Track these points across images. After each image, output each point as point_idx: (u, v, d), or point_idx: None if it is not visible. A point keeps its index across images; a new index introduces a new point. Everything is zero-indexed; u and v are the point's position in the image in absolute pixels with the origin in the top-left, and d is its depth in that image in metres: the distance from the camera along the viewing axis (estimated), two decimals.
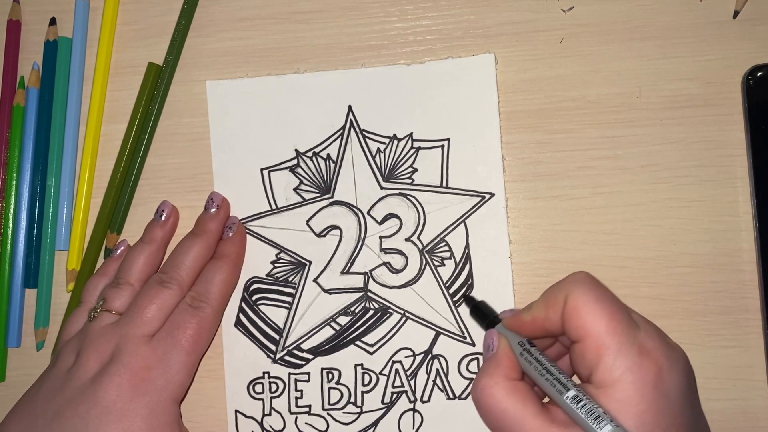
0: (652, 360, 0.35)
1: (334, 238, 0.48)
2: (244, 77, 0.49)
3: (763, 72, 0.45)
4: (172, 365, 0.42)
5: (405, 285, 0.47)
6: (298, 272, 0.48)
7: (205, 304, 0.44)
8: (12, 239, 0.49)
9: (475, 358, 0.46)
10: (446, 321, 0.46)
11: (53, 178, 0.49)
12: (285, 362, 0.47)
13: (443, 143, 0.47)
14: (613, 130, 0.46)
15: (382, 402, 0.46)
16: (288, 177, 0.48)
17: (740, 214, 0.45)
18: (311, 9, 0.49)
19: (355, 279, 0.47)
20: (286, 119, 0.48)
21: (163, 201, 0.48)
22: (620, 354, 0.35)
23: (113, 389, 0.41)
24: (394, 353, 0.47)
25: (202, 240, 0.46)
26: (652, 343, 0.36)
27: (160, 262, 0.47)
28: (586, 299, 0.36)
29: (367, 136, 0.48)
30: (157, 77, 0.49)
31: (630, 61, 0.47)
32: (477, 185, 0.47)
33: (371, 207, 0.48)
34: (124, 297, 0.44)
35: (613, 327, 0.35)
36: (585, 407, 0.35)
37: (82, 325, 0.45)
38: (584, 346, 0.36)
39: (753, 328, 0.44)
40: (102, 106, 0.50)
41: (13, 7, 0.51)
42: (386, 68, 0.48)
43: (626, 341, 0.35)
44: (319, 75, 0.48)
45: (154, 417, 0.41)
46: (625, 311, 0.37)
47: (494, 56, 0.47)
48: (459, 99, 0.47)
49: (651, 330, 0.37)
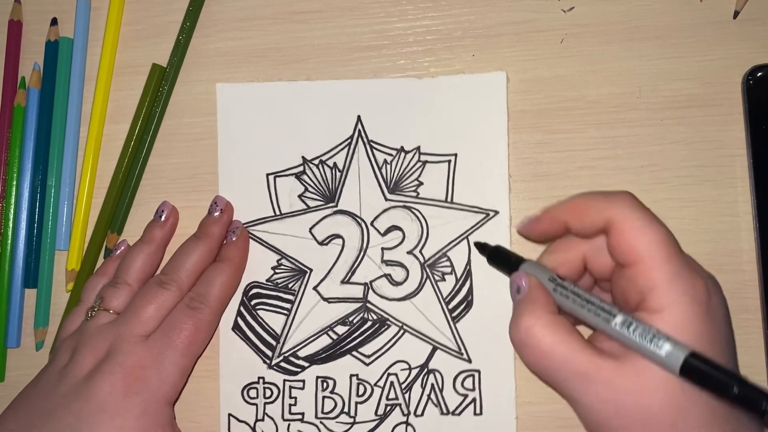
0: (702, 282, 0.35)
1: (336, 247, 0.48)
2: (254, 81, 0.49)
3: (763, 72, 0.45)
4: (167, 365, 0.42)
5: (404, 298, 0.47)
6: (298, 279, 0.48)
7: (203, 305, 0.44)
8: (12, 239, 0.49)
9: (470, 375, 0.46)
10: (444, 336, 0.46)
11: (53, 178, 0.49)
12: (280, 368, 0.47)
13: (450, 158, 0.47)
14: (613, 130, 0.46)
15: (376, 414, 0.46)
16: (293, 183, 0.48)
17: (740, 214, 0.45)
18: (311, 9, 0.49)
19: (354, 289, 0.47)
20: (294, 125, 0.48)
21: (163, 201, 0.48)
22: (676, 277, 0.34)
23: (107, 387, 0.41)
24: (390, 365, 0.46)
25: (204, 243, 0.46)
26: (698, 266, 0.36)
27: (159, 263, 0.47)
28: (638, 223, 0.36)
29: (374, 146, 0.48)
30: (161, 79, 0.49)
31: (630, 61, 0.47)
32: (482, 202, 0.47)
33: (375, 218, 0.47)
34: (121, 297, 0.45)
35: (667, 251, 0.35)
36: (637, 330, 0.34)
37: (79, 324, 0.45)
38: (636, 270, 0.35)
39: (753, 328, 0.44)
40: (105, 106, 0.50)
41: (14, 7, 0.51)
42: (397, 80, 0.48)
43: (681, 265, 0.35)
44: (329, 83, 0.48)
45: (147, 416, 0.41)
46: (673, 236, 0.36)
47: (506, 74, 0.47)
48: (468, 115, 0.47)
49: (689, 256, 0.37)
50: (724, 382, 0.31)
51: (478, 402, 0.46)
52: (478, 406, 0.46)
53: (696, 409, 0.34)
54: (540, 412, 0.45)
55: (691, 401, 0.34)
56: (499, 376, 0.46)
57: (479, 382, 0.46)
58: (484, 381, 0.46)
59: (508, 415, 0.45)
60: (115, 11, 0.50)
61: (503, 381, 0.45)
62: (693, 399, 0.34)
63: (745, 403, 0.31)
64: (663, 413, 0.34)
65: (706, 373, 0.32)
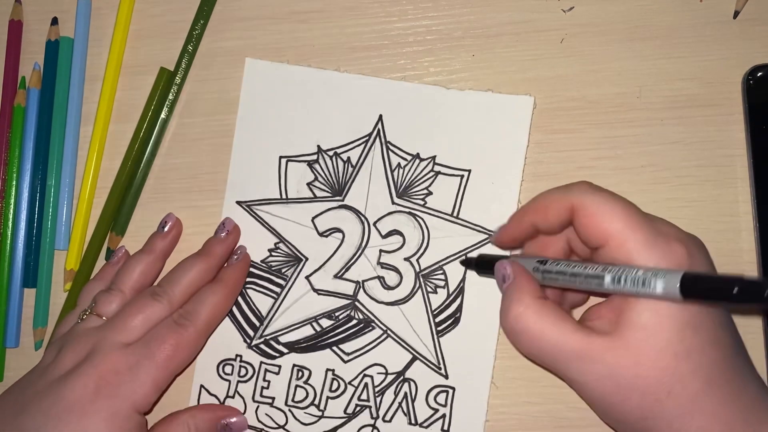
0: (681, 245, 0.35)
1: (336, 240, 0.48)
2: (285, 62, 0.49)
3: (763, 72, 0.45)
4: (140, 375, 0.41)
5: (394, 303, 0.47)
6: (292, 266, 0.48)
7: (189, 323, 0.43)
8: (12, 239, 0.49)
9: (444, 391, 0.46)
10: (425, 348, 0.46)
11: (53, 178, 0.49)
12: (259, 350, 0.47)
13: (464, 173, 0.47)
14: (613, 130, 0.46)
15: (345, 411, 0.46)
16: (305, 170, 0.48)
17: (740, 214, 0.45)
18: (311, 9, 0.49)
19: (346, 285, 0.47)
20: (315, 113, 0.48)
21: (168, 213, 0.48)
22: (648, 245, 0.35)
23: (79, 388, 0.41)
24: (367, 367, 0.46)
25: (205, 262, 0.45)
26: (674, 232, 0.36)
27: (158, 274, 0.47)
28: (599, 204, 0.36)
29: (391, 148, 0.48)
30: (167, 82, 0.49)
31: (630, 61, 0.47)
32: (487, 222, 0.47)
33: (378, 219, 0.47)
34: (113, 303, 0.45)
35: (633, 223, 0.36)
36: (627, 282, 0.34)
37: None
38: (609, 248, 0.36)
39: (753, 328, 0.44)
40: (111, 106, 0.50)
41: (15, 7, 0.51)
42: (425, 86, 0.48)
43: (650, 233, 0.35)
44: (357, 78, 0.48)
45: (114, 421, 0.40)
46: (637, 208, 0.37)
47: (534, 100, 0.47)
48: (489, 134, 0.47)
49: (666, 221, 0.37)
50: (725, 286, 0.31)
51: (448, 419, 0.46)
52: (447, 422, 0.46)
53: (691, 375, 0.35)
54: (540, 412, 0.45)
55: (687, 367, 0.35)
56: (473, 397, 0.45)
57: (452, 400, 0.46)
58: (456, 399, 0.46)
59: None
60: (124, 11, 0.50)
61: (476, 402, 0.45)
62: (688, 365, 0.35)
63: (750, 297, 0.31)
64: (660, 382, 0.35)
65: (705, 286, 0.32)
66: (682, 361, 0.34)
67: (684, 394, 0.35)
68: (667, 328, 0.34)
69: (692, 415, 0.35)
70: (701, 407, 0.35)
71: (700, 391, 0.35)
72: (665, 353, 0.34)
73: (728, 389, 0.35)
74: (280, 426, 0.47)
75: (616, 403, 0.36)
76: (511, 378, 0.46)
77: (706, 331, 0.35)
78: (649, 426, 0.36)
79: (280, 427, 0.47)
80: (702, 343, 0.35)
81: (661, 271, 0.34)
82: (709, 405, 0.35)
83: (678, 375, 0.34)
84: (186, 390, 0.47)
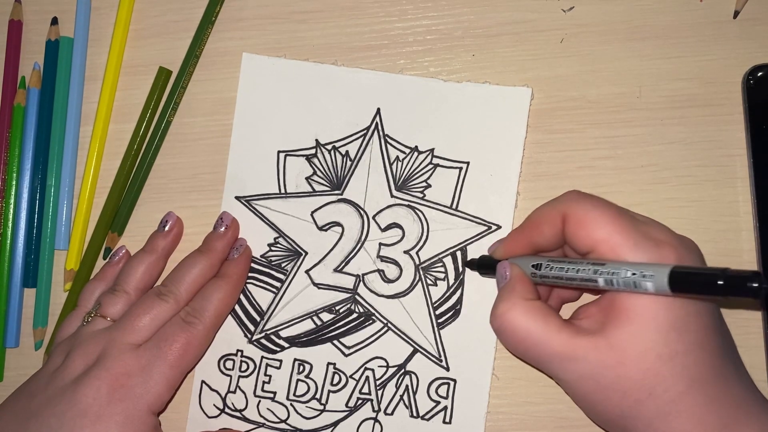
0: (670, 248, 0.36)
1: (335, 234, 0.48)
2: (282, 57, 0.49)
3: (763, 72, 0.45)
4: (153, 376, 0.42)
5: (394, 296, 0.47)
6: (292, 260, 0.48)
7: (198, 320, 0.43)
8: (12, 238, 0.49)
9: (446, 383, 0.46)
10: (426, 340, 0.46)
11: (53, 178, 0.49)
12: (260, 345, 0.47)
13: (462, 166, 0.47)
14: (613, 130, 0.46)
15: (346, 405, 0.46)
16: (303, 165, 0.48)
17: (740, 214, 0.45)
18: (311, 9, 0.49)
19: (346, 279, 0.47)
20: (313, 107, 0.48)
21: (168, 212, 0.48)
22: (637, 249, 0.35)
23: (92, 392, 0.41)
24: (368, 360, 0.46)
25: (207, 258, 0.45)
26: (664, 235, 0.37)
27: (160, 273, 0.47)
28: (587, 210, 0.37)
29: (389, 141, 0.48)
30: (167, 82, 0.49)
31: (630, 61, 0.47)
32: (486, 214, 0.47)
33: (378, 212, 0.47)
34: (119, 304, 0.45)
35: (621, 227, 0.36)
36: (620, 282, 0.35)
37: (76, 328, 0.45)
38: (599, 253, 0.36)
39: (753, 328, 0.44)
40: (111, 105, 0.50)
41: (15, 6, 0.51)
42: (423, 79, 0.48)
43: (639, 236, 0.36)
44: (355, 71, 0.48)
45: (129, 424, 0.41)
46: (627, 212, 0.37)
47: (531, 91, 0.47)
48: (487, 126, 0.47)
49: (658, 224, 0.38)
50: (711, 279, 0.32)
51: (449, 411, 0.46)
52: (449, 414, 0.46)
53: (673, 377, 0.35)
54: (540, 412, 0.45)
55: (669, 370, 0.35)
56: (474, 389, 0.46)
57: (453, 392, 0.46)
58: (458, 391, 0.46)
59: (477, 429, 0.45)
60: (124, 11, 0.50)
61: (477, 394, 0.45)
62: (671, 367, 0.35)
63: (736, 291, 0.31)
64: (641, 383, 0.35)
65: (693, 280, 0.33)
66: (665, 364, 0.35)
67: (665, 396, 0.35)
68: (652, 329, 0.35)
69: (672, 416, 0.35)
70: (681, 409, 0.35)
71: (682, 393, 0.35)
72: (648, 355, 0.35)
73: (712, 392, 0.35)
74: (282, 420, 0.47)
75: (597, 402, 0.36)
76: (511, 378, 0.46)
77: (691, 334, 0.35)
78: (629, 426, 0.36)
79: (281, 421, 0.47)
80: (687, 346, 0.35)
81: (651, 266, 0.34)
82: (689, 407, 0.35)
83: (660, 377, 0.35)
84: (187, 386, 0.47)
